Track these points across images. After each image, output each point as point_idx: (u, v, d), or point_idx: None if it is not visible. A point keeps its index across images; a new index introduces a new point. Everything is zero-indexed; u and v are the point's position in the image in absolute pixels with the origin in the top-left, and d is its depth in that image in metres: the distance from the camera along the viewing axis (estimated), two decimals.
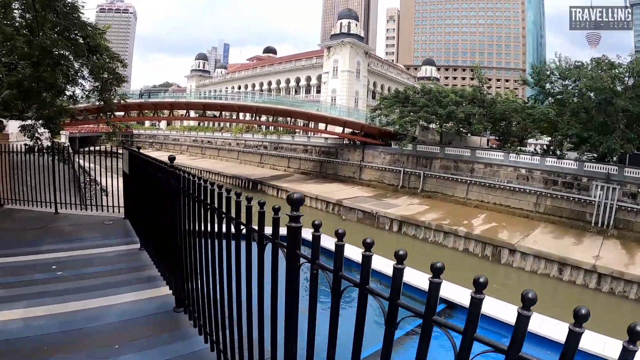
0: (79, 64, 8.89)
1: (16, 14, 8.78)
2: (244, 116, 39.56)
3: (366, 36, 64.73)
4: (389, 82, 62.28)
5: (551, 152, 27.75)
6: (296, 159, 44.84)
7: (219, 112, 38.52)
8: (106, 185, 8.33)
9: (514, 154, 27.63)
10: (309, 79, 59.42)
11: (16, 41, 8.20)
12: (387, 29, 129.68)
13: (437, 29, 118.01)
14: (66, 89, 9.38)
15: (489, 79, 34.66)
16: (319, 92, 56.48)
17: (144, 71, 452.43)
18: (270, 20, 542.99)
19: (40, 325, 3.39)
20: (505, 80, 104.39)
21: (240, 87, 70.60)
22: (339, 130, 37.80)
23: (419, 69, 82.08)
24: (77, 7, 7.51)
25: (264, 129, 52.91)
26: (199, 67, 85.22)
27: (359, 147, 37.97)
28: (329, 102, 48.89)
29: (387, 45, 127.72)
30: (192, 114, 40.98)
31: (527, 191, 26.21)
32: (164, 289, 4.17)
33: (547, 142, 37.12)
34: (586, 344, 4.04)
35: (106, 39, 9.43)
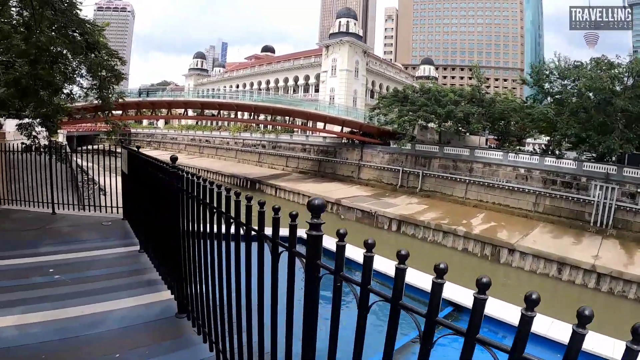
0: (76, 62, 8.78)
1: (13, 11, 8.67)
2: (242, 115, 39.39)
3: (364, 35, 64.63)
4: (387, 82, 62.23)
5: (550, 152, 27.74)
6: (294, 158, 44.74)
7: (217, 111, 38.38)
8: (104, 185, 8.20)
9: (513, 153, 27.61)
10: (307, 78, 59.29)
11: (13, 39, 8.09)
12: (386, 28, 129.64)
13: (436, 28, 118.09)
14: (64, 87, 9.26)
15: (487, 79, 34.60)
16: (317, 91, 56.38)
17: (142, 70, 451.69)
18: (269, 20, 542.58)
19: (37, 332, 3.27)
20: (503, 79, 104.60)
21: (238, 86, 70.38)
22: (338, 129, 37.70)
23: (418, 68, 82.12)
24: (75, 3, 7.41)
25: (262, 128, 52.80)
26: (197, 66, 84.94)
27: (358, 147, 37.90)
28: (328, 101, 48.77)
29: (385, 44, 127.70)
30: (190, 112, 40.80)
31: (526, 191, 26.20)
32: (165, 293, 4.06)
33: (546, 142, 37.16)
34: (586, 343, 3.97)
35: (104, 36, 9.31)
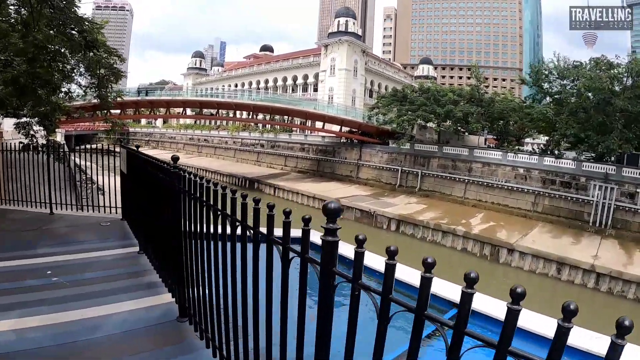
0: (75, 61, 8.69)
1: (11, 9, 8.59)
2: (240, 114, 39.33)
3: (363, 35, 64.59)
4: (386, 81, 62.18)
5: (549, 152, 27.75)
6: (293, 158, 44.66)
7: (215, 110, 38.26)
8: (103, 184, 8.11)
9: (512, 153, 27.62)
10: (306, 78, 59.18)
11: (11, 37, 8.01)
12: (384, 28, 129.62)
13: (434, 28, 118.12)
14: (62, 85, 9.18)
15: (486, 78, 34.60)
16: (316, 90, 56.30)
17: (141, 69, 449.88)
18: (268, 19, 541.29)
19: (34, 337, 3.17)
20: (502, 79, 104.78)
21: (237, 85, 70.22)
22: (336, 128, 37.64)
23: (416, 68, 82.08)
24: (74, 1, 7.33)
25: (261, 127, 52.70)
26: (196, 65, 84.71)
27: (357, 146, 37.85)
28: (326, 101, 48.68)
29: (384, 43, 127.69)
30: (189, 112, 40.68)
31: (525, 190, 26.20)
32: (166, 296, 3.96)
33: (544, 142, 37.17)
34: (586, 343, 4.07)
35: (103, 34, 9.22)
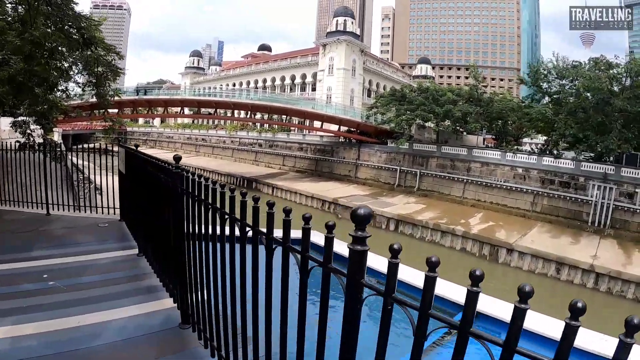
0: (72, 59, 8.57)
1: (9, 7, 8.48)
2: (238, 114, 39.19)
3: (361, 34, 64.51)
4: (384, 81, 62.13)
5: (548, 152, 27.76)
6: (291, 157, 44.54)
7: (213, 110, 38.13)
8: (100, 184, 7.98)
9: (510, 153, 27.61)
10: (304, 77, 59.04)
11: (8, 35, 7.90)
12: (382, 27, 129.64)
13: (432, 27, 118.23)
14: (59, 83, 9.05)
15: (484, 78, 34.63)
16: (314, 90, 56.19)
17: (139, 69, 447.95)
18: (268, 19, 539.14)
19: (29, 345, 3.03)
20: (500, 79, 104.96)
21: (235, 85, 70.01)
22: (335, 128, 37.55)
23: (414, 68, 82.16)
24: None
25: (259, 126, 52.55)
26: (194, 64, 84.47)
27: (355, 146, 37.77)
28: (325, 100, 48.59)
29: (382, 43, 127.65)
30: (187, 111, 40.49)
31: (524, 190, 26.19)
32: (167, 301, 3.81)
33: (542, 142, 37.20)
34: (585, 343, 4.12)
35: (101, 32, 9.10)
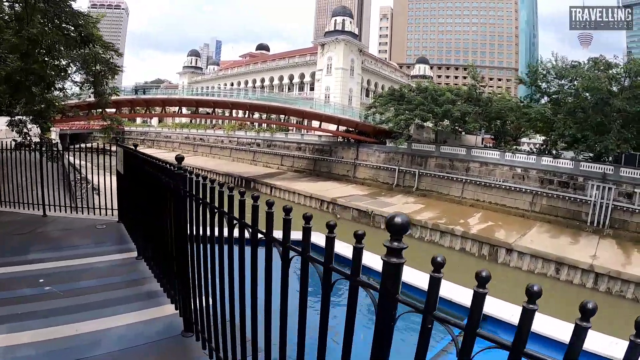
0: (70, 58, 8.45)
1: (6, 5, 8.37)
2: (236, 113, 39.07)
3: (359, 34, 64.48)
4: (382, 80, 62.09)
5: (547, 152, 27.78)
6: (289, 157, 44.44)
7: (211, 109, 38.00)
8: (98, 185, 7.85)
9: (509, 153, 27.60)
10: (302, 77, 58.91)
11: (5, 33, 7.79)
12: (380, 27, 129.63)
13: (430, 27, 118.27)
14: (56, 81, 8.93)
15: (482, 78, 34.65)
16: (312, 89, 56.08)
17: (137, 68, 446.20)
18: (267, 19, 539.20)
19: (25, 356, 2.90)
20: (497, 79, 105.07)
21: (232, 84, 69.83)
22: (333, 127, 37.47)
23: (412, 68, 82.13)
24: None
25: (257, 126, 52.41)
26: (191, 63, 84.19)
27: (353, 145, 37.70)
28: (323, 100, 48.53)
29: (380, 43, 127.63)
30: (185, 110, 40.38)
31: (523, 190, 26.18)
32: (168, 307, 3.66)
33: (541, 142, 37.21)
34: (588, 344, 4.01)
35: (98, 28, 8.99)
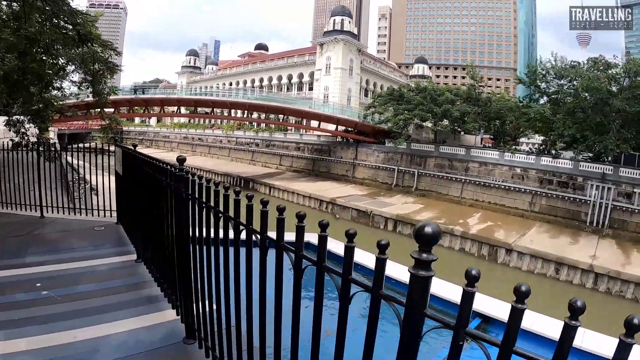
0: (67, 57, 8.37)
1: (3, 4, 8.28)
2: (235, 113, 38.97)
3: (358, 34, 64.40)
4: (381, 80, 62.08)
5: (547, 152, 27.78)
6: (288, 157, 44.35)
7: (210, 109, 37.90)
8: (97, 185, 7.75)
9: (509, 153, 27.58)
10: (301, 76, 58.84)
11: (3, 32, 7.69)
12: (379, 27, 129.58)
13: (429, 27, 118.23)
14: (54, 81, 8.84)
15: (481, 77, 34.63)
16: (311, 89, 56.03)
17: (136, 68, 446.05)
18: (266, 19, 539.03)
19: None
20: (496, 79, 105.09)
21: (231, 84, 69.72)
22: (332, 127, 37.40)
23: (411, 67, 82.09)
24: None
25: (256, 126, 52.31)
26: (190, 63, 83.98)
27: (352, 145, 37.64)
28: (322, 100, 48.48)
29: (378, 43, 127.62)
30: (183, 110, 40.21)
31: (522, 190, 26.17)
32: (169, 313, 3.55)
33: (540, 142, 37.23)
34: (585, 343, 4.09)
35: (96, 27, 8.90)
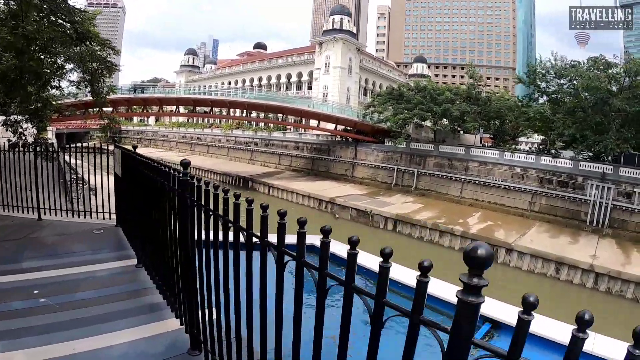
0: (65, 56, 8.25)
1: (1, 3, 8.16)
2: (234, 112, 38.91)
3: (357, 33, 64.30)
4: (380, 79, 62.00)
5: (547, 151, 27.76)
6: (287, 156, 44.25)
7: (209, 108, 37.74)
8: (95, 186, 7.62)
9: (509, 152, 27.54)
10: (300, 75, 58.70)
11: (0, 31, 7.58)
12: (378, 26, 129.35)
13: (428, 26, 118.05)
14: (52, 80, 8.72)
15: (480, 77, 34.60)
16: (310, 88, 55.90)
17: (134, 67, 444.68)
18: (266, 18, 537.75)
19: None
20: (495, 78, 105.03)
21: (230, 83, 69.53)
22: (331, 127, 37.31)
23: (410, 67, 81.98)
24: None
25: (255, 125, 52.21)
26: (189, 62, 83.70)
27: (352, 145, 37.55)
28: (321, 99, 48.37)
29: (377, 42, 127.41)
30: (182, 109, 40.09)
31: (522, 190, 26.14)
32: (172, 321, 3.38)
33: (539, 141, 37.22)
34: (587, 344, 3.92)
35: (95, 25, 8.78)
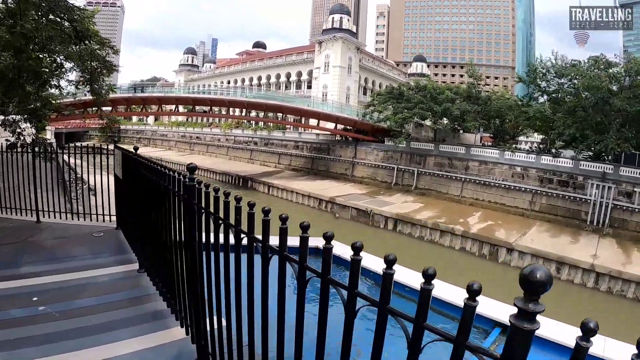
0: (64, 55, 8.15)
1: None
2: (233, 112, 38.82)
3: (356, 32, 64.21)
4: (380, 78, 61.91)
5: (547, 151, 27.73)
6: (287, 155, 44.17)
7: (208, 108, 37.64)
8: (95, 187, 7.52)
9: (509, 151, 27.50)
10: (299, 75, 58.57)
11: None
12: (377, 25, 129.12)
13: (427, 25, 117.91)
14: (51, 79, 8.62)
15: (480, 76, 34.55)
16: (309, 87, 55.78)
17: (133, 66, 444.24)
18: (265, 18, 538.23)
19: None
20: (494, 77, 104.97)
21: (229, 82, 69.36)
22: (331, 126, 37.24)
23: (409, 66, 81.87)
24: None
25: (254, 124, 52.11)
26: (188, 61, 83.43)
27: (351, 144, 37.48)
28: (320, 98, 48.26)
29: (377, 41, 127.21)
30: (181, 109, 39.98)
31: (522, 189, 26.11)
32: (177, 330, 3.27)
33: (538, 140, 37.17)
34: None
35: (94, 23, 8.68)
